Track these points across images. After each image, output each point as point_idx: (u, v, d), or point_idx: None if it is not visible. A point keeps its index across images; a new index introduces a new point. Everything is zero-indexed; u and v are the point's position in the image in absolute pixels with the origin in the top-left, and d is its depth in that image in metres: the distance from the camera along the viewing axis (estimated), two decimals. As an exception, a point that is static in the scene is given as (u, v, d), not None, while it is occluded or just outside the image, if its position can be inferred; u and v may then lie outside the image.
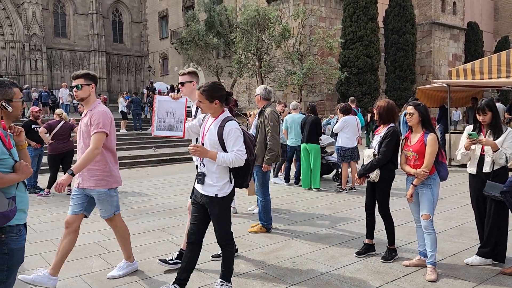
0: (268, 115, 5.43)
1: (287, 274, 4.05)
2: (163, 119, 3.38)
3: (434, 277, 3.81)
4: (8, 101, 2.52)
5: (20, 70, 35.33)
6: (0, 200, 2.32)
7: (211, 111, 3.29)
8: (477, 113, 4.09)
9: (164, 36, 39.08)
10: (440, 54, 28.51)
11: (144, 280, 3.96)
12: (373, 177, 4.24)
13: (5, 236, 2.40)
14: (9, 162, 2.43)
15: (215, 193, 3.27)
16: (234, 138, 3.20)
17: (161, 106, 3.38)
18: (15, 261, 2.45)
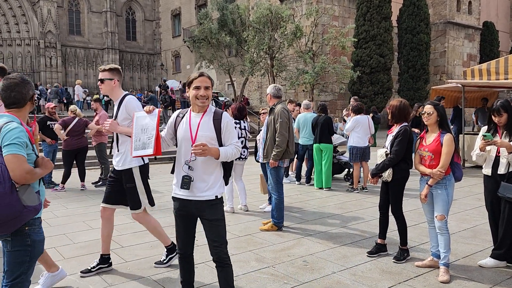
0: (278, 112, 5.47)
1: (298, 272, 4.06)
2: (138, 138, 2.98)
3: (447, 278, 3.78)
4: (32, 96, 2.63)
5: (35, 67, 35.84)
6: (32, 194, 2.41)
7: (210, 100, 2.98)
8: (493, 114, 4.05)
9: (176, 34, 39.28)
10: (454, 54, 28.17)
11: (156, 275, 4.00)
12: (385, 176, 4.22)
13: (28, 228, 2.48)
14: (33, 157, 2.51)
15: (214, 195, 2.94)
16: (232, 130, 2.98)
17: (137, 123, 3.01)
18: (36, 252, 2.54)
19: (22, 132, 2.42)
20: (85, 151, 8.72)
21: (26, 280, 2.53)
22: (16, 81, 2.56)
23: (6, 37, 35.63)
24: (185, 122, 2.97)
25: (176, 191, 2.99)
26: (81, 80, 24.33)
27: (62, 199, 7.63)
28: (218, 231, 2.95)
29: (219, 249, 2.94)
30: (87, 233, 5.45)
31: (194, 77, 2.93)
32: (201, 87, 2.88)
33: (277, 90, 5.66)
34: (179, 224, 3.05)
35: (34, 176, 2.41)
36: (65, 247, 4.87)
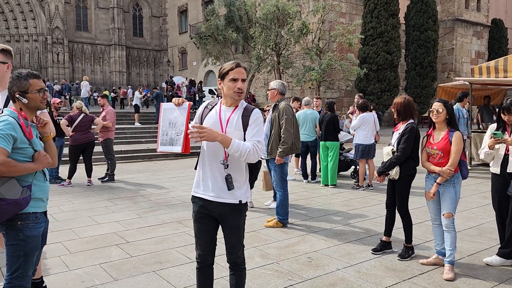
0: (283, 108, 5.47)
1: (303, 269, 4.06)
2: (166, 132, 2.71)
3: (451, 276, 3.77)
4: (23, 92, 2.54)
5: (42, 63, 36.07)
6: (14, 187, 2.39)
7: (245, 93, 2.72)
8: (502, 112, 4.02)
9: (183, 30, 39.33)
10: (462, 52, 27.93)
11: (161, 270, 4.03)
12: (392, 174, 4.21)
13: (21, 223, 2.47)
14: (29, 152, 2.49)
15: (239, 199, 2.67)
16: (258, 127, 2.66)
17: (165, 115, 2.74)
18: (31, 247, 2.52)
19: (9, 125, 2.40)
20: (92, 147, 8.77)
21: (26, 274, 2.53)
22: (10, 76, 2.59)
23: (14, 33, 35.88)
24: (214, 116, 2.70)
25: (197, 189, 2.74)
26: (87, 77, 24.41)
27: (68, 194, 7.69)
28: (239, 237, 2.75)
29: (237, 254, 2.77)
30: (93, 228, 5.49)
31: (230, 67, 2.63)
32: (239, 79, 2.60)
33: (284, 87, 5.67)
34: (199, 227, 2.74)
35: (12, 169, 2.38)
36: (71, 241, 4.92)
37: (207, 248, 2.77)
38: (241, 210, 2.72)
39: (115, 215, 6.14)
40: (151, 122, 19.77)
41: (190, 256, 4.36)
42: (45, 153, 2.57)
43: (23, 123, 2.51)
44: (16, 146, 2.43)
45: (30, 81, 2.56)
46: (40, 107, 2.63)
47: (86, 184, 8.54)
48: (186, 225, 5.54)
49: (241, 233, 2.76)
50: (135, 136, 16.71)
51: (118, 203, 6.92)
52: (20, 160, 2.45)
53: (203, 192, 2.69)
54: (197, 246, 2.78)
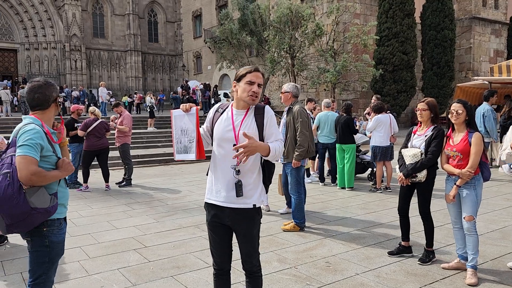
0: (297, 111, 5.43)
1: (321, 273, 4.01)
2: (179, 140, 2.66)
3: (474, 281, 3.67)
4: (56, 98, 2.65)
5: (61, 70, 36.72)
6: (43, 196, 2.41)
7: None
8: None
9: (198, 35, 39.58)
10: (480, 50, 27.41)
11: (179, 275, 4.03)
12: (420, 177, 4.12)
13: (46, 229, 2.50)
14: (53, 159, 2.52)
15: (253, 203, 2.60)
16: (275, 125, 2.64)
17: (176, 123, 2.68)
18: (55, 253, 2.56)
19: (37, 134, 2.42)
20: (106, 152, 8.85)
21: (48, 280, 2.56)
22: (39, 83, 2.59)
23: (33, 41, 36.62)
24: (225, 119, 2.64)
25: (209, 196, 2.68)
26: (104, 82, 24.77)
27: (87, 199, 7.78)
28: (253, 245, 2.68)
29: (252, 263, 2.71)
30: (111, 233, 5.54)
31: (248, 70, 2.60)
32: (255, 83, 2.56)
33: (298, 90, 5.64)
34: (213, 235, 2.69)
35: (43, 178, 2.40)
36: (90, 246, 4.96)
37: (223, 256, 2.72)
38: (254, 217, 2.64)
39: (132, 220, 6.18)
40: (167, 126, 19.92)
41: (207, 261, 4.36)
42: (69, 160, 2.62)
43: (47, 130, 2.54)
44: (42, 154, 2.45)
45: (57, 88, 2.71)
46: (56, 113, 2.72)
47: (104, 189, 8.63)
48: (203, 230, 5.54)
49: (255, 241, 2.69)
50: (151, 141, 16.85)
51: (135, 208, 6.98)
52: (46, 168, 2.47)
53: (215, 198, 2.63)
54: (213, 254, 2.75)
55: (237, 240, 2.70)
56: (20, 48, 36.57)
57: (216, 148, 2.65)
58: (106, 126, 8.83)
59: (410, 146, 4.28)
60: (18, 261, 4.43)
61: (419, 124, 4.33)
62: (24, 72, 35.87)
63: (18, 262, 4.39)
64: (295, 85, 5.65)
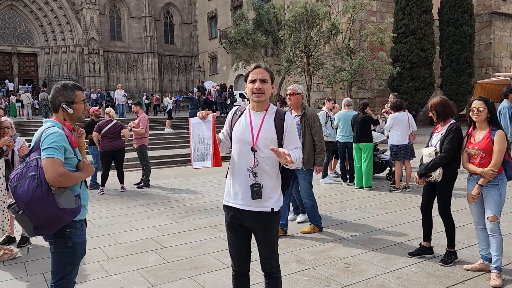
0: (313, 116, 5.31)
1: (340, 274, 3.97)
2: (196, 147, 2.63)
3: (499, 283, 3.58)
4: (69, 103, 2.62)
5: (79, 73, 37.37)
6: (70, 197, 2.47)
7: (268, 96, 2.62)
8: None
9: (213, 36, 39.76)
10: (501, 46, 26.79)
11: (197, 276, 4.04)
12: (435, 176, 4.04)
13: (69, 230, 2.54)
14: (74, 161, 2.57)
15: (271, 207, 2.60)
16: (295, 132, 2.66)
17: (194, 131, 2.65)
18: (78, 254, 2.60)
19: (61, 136, 2.48)
20: (122, 154, 8.87)
21: (70, 281, 2.60)
22: (55, 87, 2.66)
23: (52, 45, 37.35)
24: (244, 122, 2.64)
25: (228, 199, 2.68)
26: (121, 85, 25.08)
27: (106, 200, 7.88)
28: (272, 247, 2.68)
29: (271, 264, 2.71)
30: (130, 233, 5.59)
31: (250, 69, 2.62)
32: (257, 80, 2.55)
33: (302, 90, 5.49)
34: (232, 236, 2.69)
35: (69, 180, 2.45)
36: (109, 247, 5.02)
37: (242, 257, 2.71)
38: (273, 220, 2.64)
39: (151, 221, 6.23)
40: (184, 127, 20.06)
41: (225, 262, 4.36)
42: (89, 162, 2.66)
43: (68, 133, 2.58)
44: (65, 156, 2.50)
45: (76, 92, 2.65)
46: (81, 117, 2.71)
47: (120, 191, 8.69)
48: (220, 230, 5.55)
49: (274, 243, 2.69)
50: (168, 142, 16.98)
51: (153, 209, 7.03)
52: (69, 170, 2.51)
53: (234, 201, 2.63)
54: (232, 256, 2.74)
55: (256, 242, 2.70)
56: (40, 52, 37.35)
57: (235, 151, 2.65)
58: (120, 127, 8.83)
59: (430, 144, 4.21)
60: (40, 262, 4.50)
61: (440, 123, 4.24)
62: (44, 76, 36.62)
63: (40, 263, 4.47)
64: (301, 86, 5.60)
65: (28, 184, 2.36)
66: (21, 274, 4.22)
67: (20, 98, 23.19)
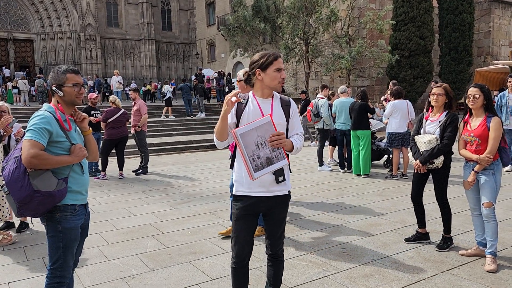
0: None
1: (337, 259, 4.02)
2: (257, 155, 2.47)
3: (494, 268, 3.63)
4: (59, 86, 2.58)
5: (76, 59, 37.09)
6: (49, 180, 2.44)
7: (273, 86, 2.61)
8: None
9: (211, 23, 39.42)
10: (500, 34, 26.68)
11: (196, 261, 4.08)
12: (437, 163, 4.07)
13: (59, 215, 2.52)
14: (66, 145, 2.53)
15: (288, 190, 2.67)
16: (298, 118, 2.72)
17: (246, 140, 2.45)
18: (69, 239, 2.56)
19: (44, 119, 2.46)
20: (125, 141, 8.98)
21: (66, 265, 2.58)
22: (53, 70, 2.66)
23: (48, 31, 36.99)
24: (252, 109, 2.59)
25: (241, 188, 2.62)
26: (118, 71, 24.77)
27: (104, 186, 7.90)
28: (283, 227, 2.74)
29: (279, 246, 2.75)
30: (129, 219, 5.62)
31: (274, 58, 2.57)
32: (282, 69, 2.57)
33: None
34: (242, 226, 2.64)
35: (45, 162, 2.42)
36: (108, 233, 5.05)
37: (246, 246, 2.67)
38: (287, 201, 2.73)
39: (149, 207, 6.26)
40: (182, 115, 20.01)
41: (223, 247, 4.40)
42: (81, 146, 2.59)
43: (59, 116, 2.55)
44: (52, 139, 2.47)
45: (67, 75, 2.60)
46: (75, 102, 2.64)
47: (118, 177, 8.72)
48: (219, 216, 5.59)
49: (284, 224, 2.76)
50: (166, 129, 16.96)
51: (152, 195, 7.06)
52: (58, 153, 2.49)
53: (249, 190, 2.59)
54: (235, 245, 2.67)
55: (267, 226, 2.73)
56: (36, 39, 36.99)
57: (245, 140, 2.55)
58: (127, 116, 8.94)
59: (423, 132, 4.21)
60: (39, 247, 4.54)
61: (430, 110, 4.25)
62: (40, 62, 36.34)
63: (40, 248, 4.50)
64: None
65: (10, 166, 2.44)
66: (20, 258, 4.26)
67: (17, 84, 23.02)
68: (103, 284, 3.62)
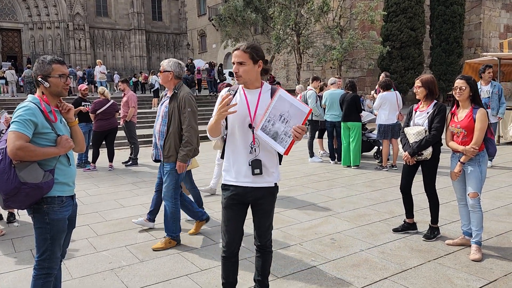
0: (184, 98, 4.12)
1: (326, 250, 4.05)
2: (273, 121, 2.51)
3: (478, 257, 3.69)
4: (45, 77, 2.55)
5: (65, 50, 36.61)
6: (35, 171, 2.42)
7: (253, 76, 2.58)
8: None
9: (202, 13, 39.09)
10: (490, 26, 26.84)
11: (186, 252, 4.09)
12: (426, 154, 4.11)
13: (46, 206, 2.51)
14: (52, 136, 2.51)
15: (274, 182, 2.68)
16: None
17: (278, 105, 2.52)
18: (56, 230, 2.55)
19: (29, 111, 2.44)
20: (115, 133, 8.92)
21: (53, 256, 2.58)
22: (37, 60, 2.62)
23: (36, 20, 36.41)
24: (239, 100, 2.61)
25: (229, 178, 2.67)
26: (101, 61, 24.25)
27: (94, 178, 7.86)
28: (271, 219, 2.77)
29: (267, 237, 2.78)
30: (118, 211, 5.61)
31: (232, 51, 2.64)
32: (235, 63, 2.56)
33: (181, 68, 4.27)
34: (230, 215, 2.68)
35: (31, 154, 2.40)
36: (98, 224, 5.04)
37: (235, 236, 2.70)
38: (274, 193, 2.72)
39: (139, 198, 6.25)
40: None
41: (214, 238, 4.42)
42: (67, 137, 2.57)
43: (44, 108, 2.52)
44: (38, 131, 2.45)
45: (53, 65, 2.56)
46: (61, 93, 2.62)
47: (108, 169, 8.67)
48: (209, 208, 5.59)
49: (272, 215, 2.78)
50: (157, 120, 16.85)
51: (141, 187, 7.04)
52: (43, 144, 2.47)
53: (236, 180, 2.63)
54: (225, 234, 2.70)
55: (255, 218, 2.75)
56: (24, 28, 36.41)
57: (237, 131, 2.63)
58: (116, 108, 8.86)
59: (413, 124, 4.25)
60: (27, 239, 4.51)
61: (420, 102, 4.31)
62: (28, 52, 35.80)
63: (28, 240, 4.48)
64: (179, 63, 4.28)
65: None
66: (8, 250, 4.24)
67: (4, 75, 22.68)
68: (92, 275, 3.62)
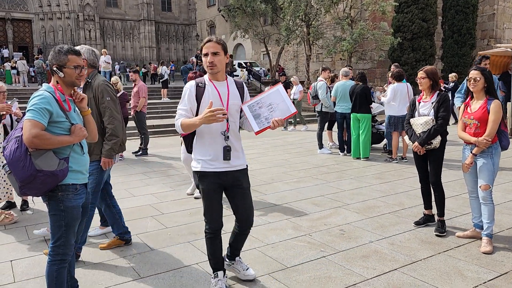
0: (99, 87, 3.69)
1: (335, 241, 4.06)
2: (260, 104, 2.87)
3: (489, 249, 3.68)
4: (60, 67, 2.57)
5: (75, 40, 36.77)
6: (51, 159, 2.46)
7: (224, 66, 2.85)
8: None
9: (211, 3, 38.90)
10: (504, 17, 26.36)
11: (196, 241, 4.12)
12: (435, 143, 4.12)
13: (61, 194, 2.55)
14: (66, 125, 2.55)
15: (245, 164, 3.02)
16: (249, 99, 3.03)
17: (273, 95, 2.88)
18: (70, 218, 2.60)
19: (44, 99, 2.47)
20: (125, 122, 8.94)
21: (68, 243, 2.62)
22: (52, 49, 2.65)
23: (47, 10, 36.59)
24: (211, 91, 2.83)
25: (206, 165, 2.87)
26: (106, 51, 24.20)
27: (105, 167, 7.92)
28: (251, 198, 3.05)
29: (250, 220, 3.06)
30: (129, 200, 5.67)
31: (203, 43, 2.82)
32: (208, 54, 2.76)
33: (95, 56, 3.81)
34: (214, 198, 2.92)
35: (47, 142, 2.44)
36: (109, 213, 5.09)
37: (218, 217, 2.97)
38: (247, 173, 3.04)
39: (149, 188, 6.30)
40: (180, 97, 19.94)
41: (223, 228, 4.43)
42: (81, 126, 2.61)
43: (59, 97, 2.55)
44: (52, 120, 2.49)
45: (69, 56, 2.58)
46: (75, 83, 2.64)
47: (118, 159, 8.73)
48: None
49: (250, 195, 3.05)
50: (166, 111, 16.92)
51: (152, 176, 7.10)
52: (58, 133, 2.50)
53: (214, 167, 2.87)
54: (209, 218, 2.96)
55: (236, 200, 2.99)
56: (35, 18, 36.62)
57: None
58: (127, 98, 8.93)
59: (418, 115, 4.23)
60: (41, 226, 4.58)
61: (422, 93, 4.30)
62: (39, 43, 36.04)
63: (41, 227, 4.54)
64: (92, 50, 3.82)
65: (11, 145, 2.45)
66: (22, 237, 4.31)
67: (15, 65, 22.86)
68: (104, 263, 3.67)
